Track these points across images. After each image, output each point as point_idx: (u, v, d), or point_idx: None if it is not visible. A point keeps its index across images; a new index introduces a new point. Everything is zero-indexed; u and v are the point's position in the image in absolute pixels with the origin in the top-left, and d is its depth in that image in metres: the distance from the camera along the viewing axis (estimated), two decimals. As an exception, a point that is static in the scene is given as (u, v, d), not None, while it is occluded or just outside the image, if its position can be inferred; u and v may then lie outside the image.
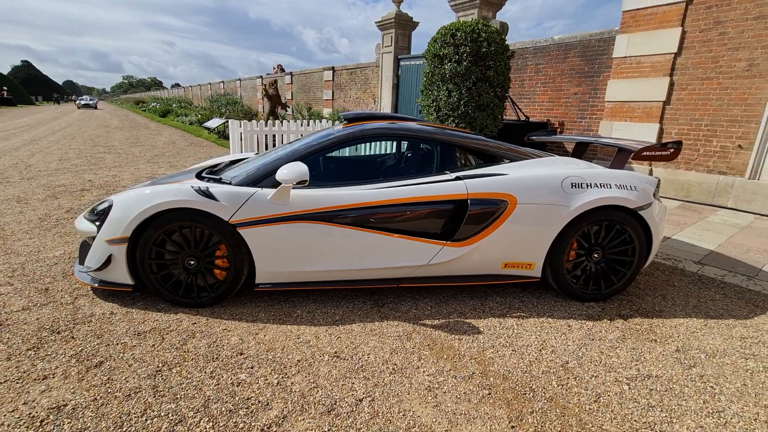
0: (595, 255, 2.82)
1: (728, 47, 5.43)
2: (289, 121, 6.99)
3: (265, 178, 2.61)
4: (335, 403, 1.80)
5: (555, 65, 7.67)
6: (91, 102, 40.19)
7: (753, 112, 5.32)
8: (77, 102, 40.64)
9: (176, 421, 1.65)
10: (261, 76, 20.64)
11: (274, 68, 21.55)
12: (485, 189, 2.62)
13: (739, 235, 4.54)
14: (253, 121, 6.69)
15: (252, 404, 1.77)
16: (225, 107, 19.93)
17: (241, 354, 2.13)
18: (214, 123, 12.62)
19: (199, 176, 3.01)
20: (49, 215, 4.35)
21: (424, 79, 6.90)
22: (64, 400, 1.73)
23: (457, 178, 2.69)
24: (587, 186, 2.69)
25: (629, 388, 1.99)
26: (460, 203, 2.62)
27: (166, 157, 8.86)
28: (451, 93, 6.39)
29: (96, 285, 2.59)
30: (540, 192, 2.65)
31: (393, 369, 2.06)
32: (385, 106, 12.21)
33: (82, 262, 2.80)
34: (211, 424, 1.65)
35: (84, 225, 2.67)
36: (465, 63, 6.19)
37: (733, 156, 5.59)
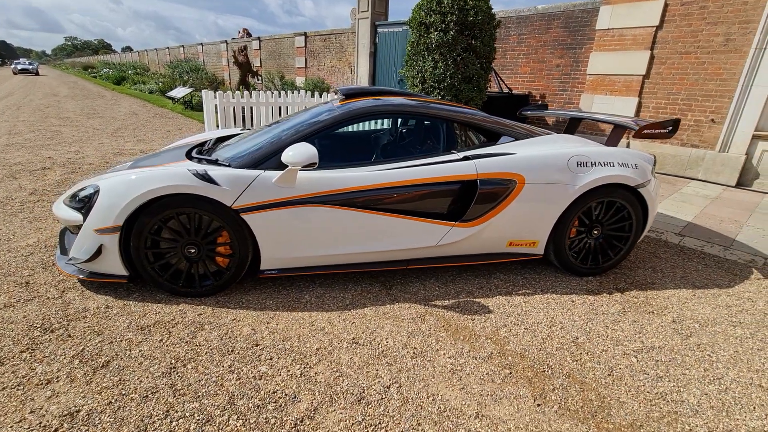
0: (595, 231, 2.90)
1: (708, 21, 5.54)
2: (266, 92, 6.61)
3: (267, 159, 2.45)
4: (363, 392, 1.79)
5: (538, 36, 7.60)
6: (31, 67, 36.21)
7: (727, 86, 5.52)
8: (13, 66, 36.53)
9: (203, 421, 1.59)
10: (226, 41, 19.33)
11: (239, 33, 20.16)
12: (494, 169, 2.59)
13: (711, 206, 4.81)
14: (228, 92, 6.27)
15: (279, 398, 1.73)
16: (187, 74, 18.63)
17: (257, 345, 2.06)
18: (180, 92, 11.79)
19: (188, 156, 2.81)
20: (11, 198, 3.96)
21: (409, 48, 6.66)
22: (75, 406, 1.62)
23: (465, 158, 2.64)
24: (592, 165, 2.72)
25: (637, 361, 2.10)
26: (470, 183, 2.58)
27: (130, 130, 8.24)
28: (437, 64, 6.22)
29: (84, 277, 2.40)
30: (547, 171, 2.66)
31: (413, 353, 2.07)
32: (362, 76, 11.81)
33: (63, 252, 2.59)
34: (241, 422, 1.60)
35: (65, 212, 2.44)
36: (452, 32, 6.00)
37: (705, 130, 5.84)
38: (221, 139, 3.43)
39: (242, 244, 2.39)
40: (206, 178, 2.26)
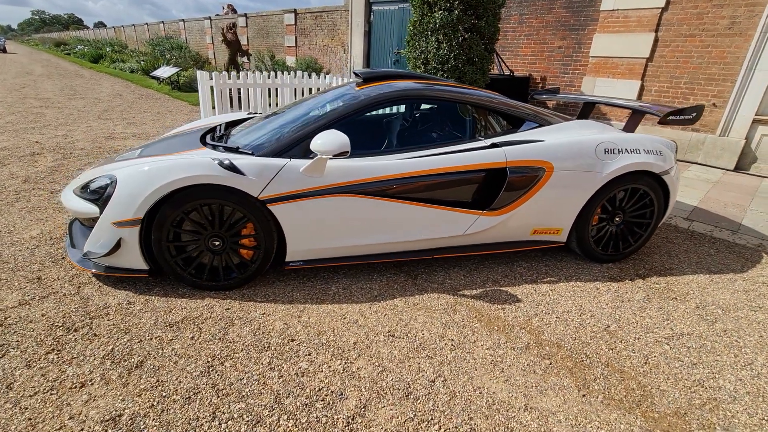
0: (617, 219, 2.90)
1: (713, 3, 5.51)
2: (262, 72, 6.35)
3: (292, 147, 2.35)
4: (409, 387, 1.77)
5: (540, 16, 7.46)
6: None
7: (730, 70, 5.54)
8: None
9: (253, 422, 1.55)
10: (210, 17, 18.51)
11: (224, 8, 19.30)
12: (523, 156, 2.54)
13: (714, 191, 4.89)
14: (224, 73, 6.01)
15: (326, 395, 1.69)
16: (169, 52, 17.87)
17: (293, 340, 2.01)
18: (165, 72, 11.28)
19: (202, 142, 2.68)
20: (5, 187, 3.75)
21: (411, 27, 6.46)
22: (116, 410, 1.55)
23: (493, 145, 2.59)
24: (619, 152, 2.69)
25: (670, 348, 2.13)
26: (499, 171, 2.53)
27: (117, 111, 7.88)
28: (440, 45, 6.06)
29: (100, 272, 2.29)
30: (576, 159, 2.62)
31: (452, 345, 2.05)
32: (356, 55, 11.50)
33: (74, 245, 2.47)
34: (292, 422, 1.56)
35: (78, 204, 2.30)
36: (456, 11, 5.83)
37: (706, 114, 5.88)
38: (230, 124, 3.28)
39: (268, 236, 2.30)
40: (231, 167, 2.15)
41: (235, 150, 2.42)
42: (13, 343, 1.85)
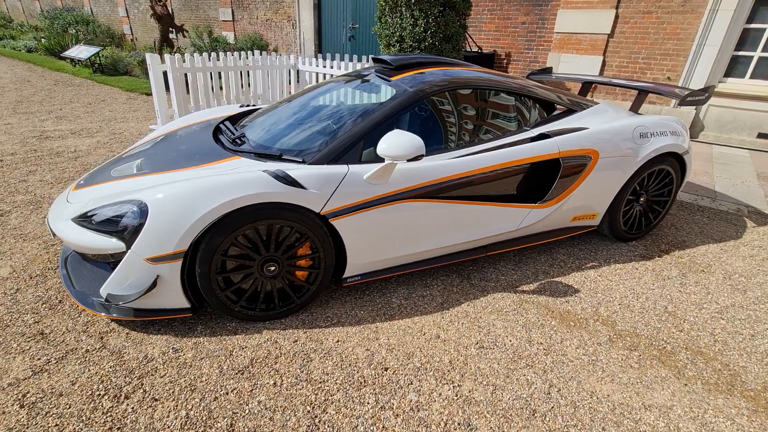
0: (642, 199, 3.01)
1: (668, -19, 5.84)
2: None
3: (348, 150, 2.07)
4: (530, 404, 1.69)
5: (503, -9, 7.43)
6: None
7: (683, 46, 5.99)
8: None
9: (398, 478, 1.37)
10: (120, -14, 16.08)
11: (136, -25, 16.79)
12: (574, 146, 2.50)
13: (679, 160, 5.33)
14: (178, 56, 5.22)
15: (455, 430, 1.55)
16: (73, 27, 15.40)
17: (386, 369, 1.82)
18: (83, 52, 9.63)
19: (222, 147, 2.29)
20: (-70, 212, 2.96)
21: (382, 2, 6.09)
22: (233, 496, 1.29)
23: (541, 135, 2.51)
24: (651, 135, 2.76)
25: (726, 323, 2.27)
26: (552, 163, 2.47)
27: (36, 103, 6.61)
28: (417, 21, 5.80)
29: (129, 317, 1.88)
30: (617, 144, 2.64)
31: (544, 349, 2.00)
32: (306, 30, 10.75)
33: (74, 285, 2.02)
34: (438, 468, 1.41)
35: (85, 238, 1.85)
36: (432, -15, 5.58)
37: (661, 87, 6.34)
38: (235, 120, 2.85)
39: (328, 254, 2.04)
40: (290, 180, 1.84)
41: (279, 157, 2.08)
42: (53, 430, 1.45)
